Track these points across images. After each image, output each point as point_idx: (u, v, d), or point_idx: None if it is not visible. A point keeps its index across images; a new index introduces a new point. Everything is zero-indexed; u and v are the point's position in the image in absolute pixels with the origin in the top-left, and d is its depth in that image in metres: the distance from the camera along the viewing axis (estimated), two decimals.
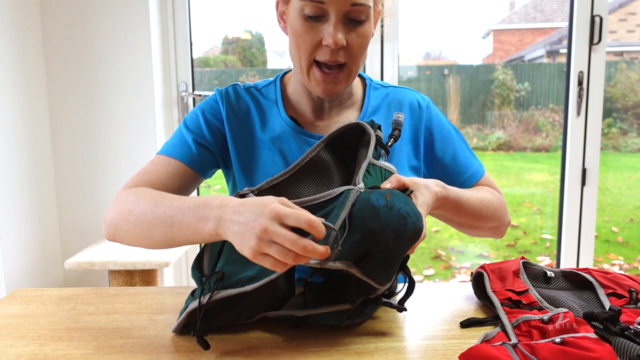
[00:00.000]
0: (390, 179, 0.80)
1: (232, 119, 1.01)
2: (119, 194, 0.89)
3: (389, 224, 0.68)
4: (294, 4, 0.91)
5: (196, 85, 2.29)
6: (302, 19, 0.89)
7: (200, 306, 0.72)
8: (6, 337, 0.78)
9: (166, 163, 0.96)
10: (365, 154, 0.84)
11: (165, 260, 1.82)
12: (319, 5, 0.87)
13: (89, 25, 2.08)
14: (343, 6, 0.87)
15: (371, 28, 0.93)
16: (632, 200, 4.31)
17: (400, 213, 0.69)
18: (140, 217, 0.80)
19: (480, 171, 1.06)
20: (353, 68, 0.93)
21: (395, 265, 0.72)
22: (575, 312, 0.76)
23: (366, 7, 0.89)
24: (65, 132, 2.14)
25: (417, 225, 0.70)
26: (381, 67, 2.18)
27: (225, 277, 0.73)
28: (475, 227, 1.00)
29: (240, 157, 1.00)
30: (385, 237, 0.68)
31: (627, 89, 3.95)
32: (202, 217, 0.71)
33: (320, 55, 0.90)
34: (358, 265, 0.69)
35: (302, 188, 0.84)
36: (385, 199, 0.69)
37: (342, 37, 0.88)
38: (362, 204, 0.70)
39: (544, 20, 5.10)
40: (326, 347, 0.73)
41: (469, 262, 3.59)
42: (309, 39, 0.90)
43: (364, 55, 0.94)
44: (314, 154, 0.87)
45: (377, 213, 0.68)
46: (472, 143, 4.14)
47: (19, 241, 1.96)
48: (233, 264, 0.75)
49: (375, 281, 0.71)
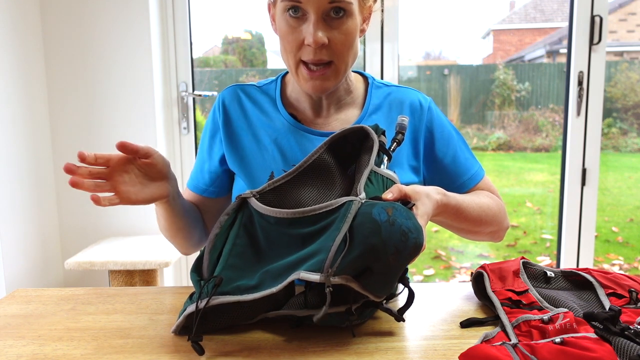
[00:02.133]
0: (392, 188, 0.79)
1: (229, 124, 1.03)
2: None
3: (390, 240, 0.67)
4: (278, 6, 0.92)
5: (196, 85, 2.29)
6: (285, 20, 0.91)
7: (197, 311, 0.71)
8: (6, 337, 0.78)
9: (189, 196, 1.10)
10: (368, 160, 0.83)
11: (165, 260, 1.82)
12: (297, 4, 0.88)
13: (89, 25, 2.08)
14: (321, 4, 0.87)
15: (355, 24, 0.92)
16: (632, 200, 4.31)
17: (401, 229, 0.68)
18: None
19: (479, 174, 1.06)
20: (341, 65, 0.93)
21: (395, 279, 0.72)
22: (575, 312, 0.76)
23: (346, 3, 0.89)
24: (65, 132, 2.14)
25: (417, 241, 0.69)
26: (381, 67, 2.18)
27: (224, 283, 0.73)
28: (475, 232, 1.00)
29: (239, 156, 1.00)
30: (386, 253, 0.67)
31: (627, 89, 3.95)
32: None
33: (304, 55, 0.91)
34: (357, 280, 0.68)
35: (303, 190, 0.84)
36: (387, 213, 0.68)
37: (322, 35, 0.88)
38: (364, 218, 0.69)
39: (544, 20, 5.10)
40: (326, 347, 0.73)
41: (469, 262, 3.59)
42: (293, 39, 0.91)
43: (351, 52, 0.94)
44: (317, 156, 0.86)
45: (379, 228, 0.67)
46: (472, 143, 4.14)
47: (19, 241, 1.96)
48: (232, 270, 0.74)
49: (374, 294, 0.71)
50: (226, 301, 0.72)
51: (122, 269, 1.83)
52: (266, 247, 0.77)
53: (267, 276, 0.73)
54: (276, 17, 0.95)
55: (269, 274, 0.73)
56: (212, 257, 0.76)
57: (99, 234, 2.18)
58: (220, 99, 1.06)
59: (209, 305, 0.72)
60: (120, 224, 2.16)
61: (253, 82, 1.08)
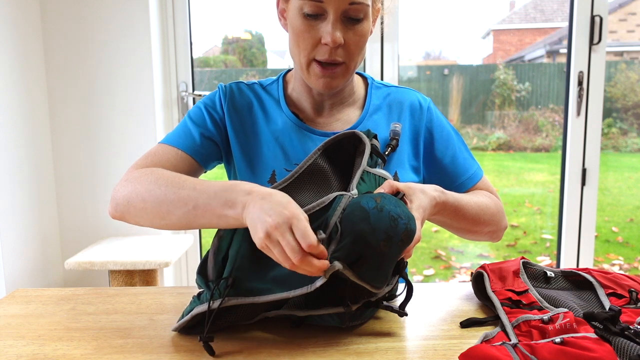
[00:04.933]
0: (383, 184, 0.81)
1: (233, 114, 1.02)
2: (130, 173, 0.90)
3: (379, 226, 0.68)
4: (293, 3, 0.91)
5: (196, 85, 2.29)
6: (301, 17, 0.90)
7: (209, 311, 0.72)
8: (6, 337, 0.78)
9: (172, 152, 0.97)
10: (361, 162, 0.85)
11: (165, 260, 1.82)
12: (318, 4, 0.88)
13: (89, 25, 2.08)
14: (341, 5, 0.87)
15: (369, 26, 0.94)
16: (632, 200, 4.31)
17: (390, 215, 0.69)
18: (161, 197, 0.81)
19: (478, 174, 1.06)
20: (351, 65, 0.94)
21: (389, 267, 0.72)
22: (575, 312, 0.76)
23: (364, 5, 0.89)
24: (65, 132, 2.14)
25: (408, 226, 0.70)
26: (381, 67, 2.18)
27: (236, 284, 0.73)
28: (474, 231, 1.00)
29: (243, 152, 1.01)
30: (376, 239, 0.68)
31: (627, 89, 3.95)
32: (229, 202, 0.73)
33: (319, 54, 0.91)
34: (351, 268, 0.69)
35: (301, 195, 0.85)
36: (375, 201, 0.70)
37: (340, 35, 0.89)
38: (353, 207, 0.71)
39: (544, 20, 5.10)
40: (326, 347, 0.73)
41: (469, 262, 3.59)
42: (309, 37, 0.91)
43: (362, 53, 0.95)
44: (311, 161, 0.88)
45: (367, 215, 0.68)
46: (472, 143, 4.14)
47: (19, 241, 1.96)
48: (241, 271, 0.74)
49: (370, 284, 0.71)
50: (241, 302, 0.72)
51: (122, 269, 1.83)
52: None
53: (276, 280, 0.73)
54: (288, 13, 0.94)
55: (278, 279, 0.73)
56: (218, 259, 0.76)
57: (99, 234, 2.18)
58: (227, 88, 1.04)
59: (223, 305, 0.72)
60: (120, 224, 2.16)
61: (255, 80, 1.08)
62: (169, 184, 0.82)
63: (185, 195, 0.78)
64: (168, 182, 0.82)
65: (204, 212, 0.76)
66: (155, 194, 0.82)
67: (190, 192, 0.78)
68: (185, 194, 0.78)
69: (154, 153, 0.97)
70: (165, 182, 0.82)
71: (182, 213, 0.78)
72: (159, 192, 0.82)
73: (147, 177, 0.86)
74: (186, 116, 1.03)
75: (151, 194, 0.82)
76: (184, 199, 0.78)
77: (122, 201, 0.87)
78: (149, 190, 0.83)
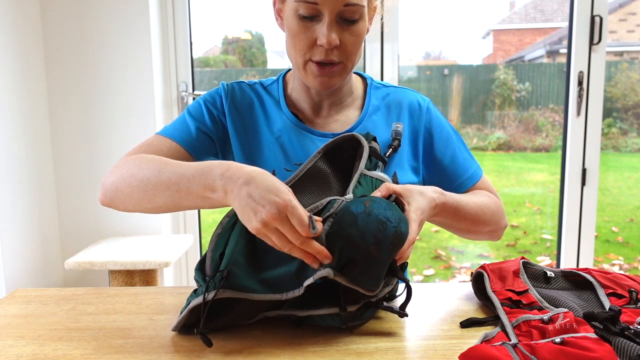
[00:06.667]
0: (380, 187, 0.81)
1: (234, 113, 1.02)
2: (120, 161, 0.91)
3: (368, 230, 0.69)
4: (289, 4, 0.92)
5: (196, 85, 2.29)
6: (297, 18, 0.90)
7: (204, 302, 0.72)
8: (6, 337, 0.78)
9: (166, 143, 0.98)
10: (359, 165, 0.85)
11: (165, 260, 1.82)
12: (313, 6, 0.88)
13: (89, 25, 2.08)
14: (337, 6, 0.87)
15: (365, 26, 0.94)
16: (632, 200, 4.31)
17: (378, 218, 0.69)
18: (145, 180, 0.82)
19: (478, 173, 1.06)
20: (348, 64, 0.94)
21: (381, 271, 0.72)
22: (575, 312, 0.76)
23: (359, 6, 0.89)
24: (65, 132, 2.14)
25: (398, 229, 0.71)
26: (381, 67, 2.18)
27: (230, 278, 0.74)
28: (474, 231, 1.00)
29: (243, 151, 1.01)
30: (365, 243, 0.68)
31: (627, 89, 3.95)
32: (209, 185, 0.74)
33: (315, 55, 0.92)
34: (342, 273, 0.69)
35: (301, 198, 0.85)
36: (364, 205, 0.71)
37: (335, 36, 0.89)
38: (342, 212, 0.71)
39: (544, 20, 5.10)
40: (326, 347, 0.73)
41: (469, 262, 3.59)
42: (304, 38, 0.91)
43: (358, 52, 0.95)
44: (312, 164, 0.88)
45: (356, 219, 0.69)
46: (472, 143, 4.14)
47: (19, 241, 1.96)
48: (237, 266, 0.74)
49: (363, 288, 0.71)
50: (235, 296, 0.72)
51: (122, 269, 1.83)
52: (262, 252, 0.78)
53: (264, 282, 0.73)
54: (284, 14, 0.94)
55: (266, 281, 0.73)
56: (215, 255, 0.76)
57: (99, 234, 2.18)
58: (229, 87, 1.04)
59: (217, 297, 0.72)
60: (120, 224, 2.16)
61: (256, 80, 1.08)
62: (152, 167, 0.83)
63: (166, 179, 0.79)
64: (150, 165, 0.83)
65: (188, 195, 0.77)
66: (139, 177, 0.83)
67: (171, 175, 0.79)
68: (166, 177, 0.80)
69: (149, 143, 0.98)
70: (147, 165, 0.83)
71: (167, 196, 0.80)
72: (142, 175, 0.83)
73: (132, 162, 0.87)
74: (185, 110, 1.03)
75: (136, 177, 0.83)
76: (166, 183, 0.79)
77: (110, 187, 0.88)
78: (133, 175, 0.84)
